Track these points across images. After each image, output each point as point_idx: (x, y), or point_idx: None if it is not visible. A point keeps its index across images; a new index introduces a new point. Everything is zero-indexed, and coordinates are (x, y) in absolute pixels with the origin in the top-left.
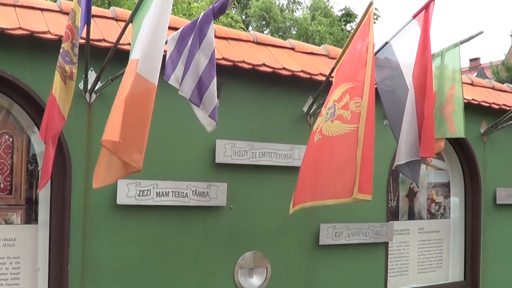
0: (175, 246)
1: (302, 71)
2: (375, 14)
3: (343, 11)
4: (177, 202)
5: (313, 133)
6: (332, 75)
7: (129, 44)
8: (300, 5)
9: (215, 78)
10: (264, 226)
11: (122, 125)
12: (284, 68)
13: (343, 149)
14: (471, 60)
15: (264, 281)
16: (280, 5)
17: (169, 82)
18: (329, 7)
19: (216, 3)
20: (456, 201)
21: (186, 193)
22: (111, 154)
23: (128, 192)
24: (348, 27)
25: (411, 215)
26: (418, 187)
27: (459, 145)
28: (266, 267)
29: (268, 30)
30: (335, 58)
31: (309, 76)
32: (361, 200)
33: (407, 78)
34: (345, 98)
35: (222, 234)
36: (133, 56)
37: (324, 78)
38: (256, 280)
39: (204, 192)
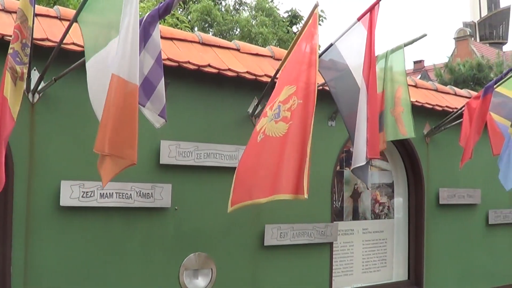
0: (119, 247)
1: (247, 72)
2: (320, 16)
3: (290, 13)
4: (121, 204)
5: (256, 133)
6: (277, 76)
7: (73, 43)
8: (247, 6)
9: (163, 78)
10: (209, 227)
11: (112, 129)
12: (229, 69)
13: (286, 149)
14: (415, 62)
15: (210, 282)
16: (226, 6)
17: None
18: (274, 7)
19: (162, 4)
20: (399, 201)
21: (130, 194)
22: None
23: (71, 194)
24: (294, 28)
25: (356, 216)
26: (368, 188)
27: (402, 146)
28: (212, 268)
29: (212, 32)
30: (280, 59)
31: (254, 77)
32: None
33: (357, 78)
34: (291, 100)
35: (167, 236)
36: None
37: (269, 79)
38: (201, 281)
39: (148, 193)
